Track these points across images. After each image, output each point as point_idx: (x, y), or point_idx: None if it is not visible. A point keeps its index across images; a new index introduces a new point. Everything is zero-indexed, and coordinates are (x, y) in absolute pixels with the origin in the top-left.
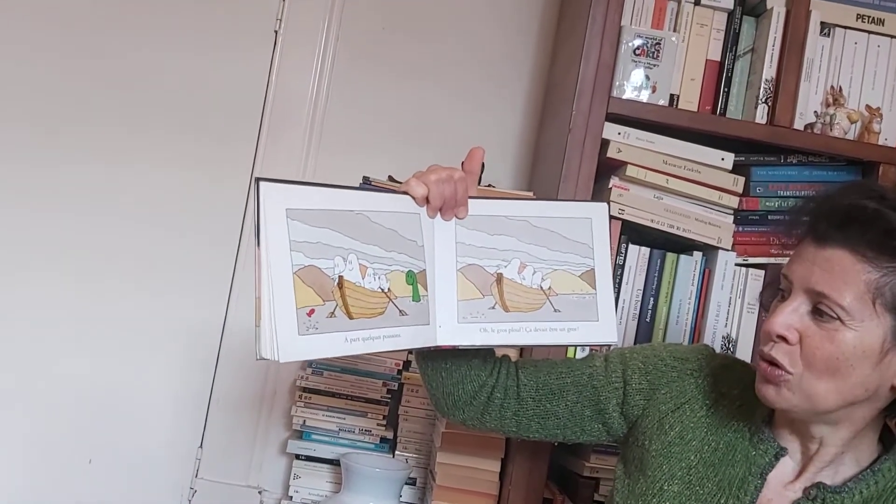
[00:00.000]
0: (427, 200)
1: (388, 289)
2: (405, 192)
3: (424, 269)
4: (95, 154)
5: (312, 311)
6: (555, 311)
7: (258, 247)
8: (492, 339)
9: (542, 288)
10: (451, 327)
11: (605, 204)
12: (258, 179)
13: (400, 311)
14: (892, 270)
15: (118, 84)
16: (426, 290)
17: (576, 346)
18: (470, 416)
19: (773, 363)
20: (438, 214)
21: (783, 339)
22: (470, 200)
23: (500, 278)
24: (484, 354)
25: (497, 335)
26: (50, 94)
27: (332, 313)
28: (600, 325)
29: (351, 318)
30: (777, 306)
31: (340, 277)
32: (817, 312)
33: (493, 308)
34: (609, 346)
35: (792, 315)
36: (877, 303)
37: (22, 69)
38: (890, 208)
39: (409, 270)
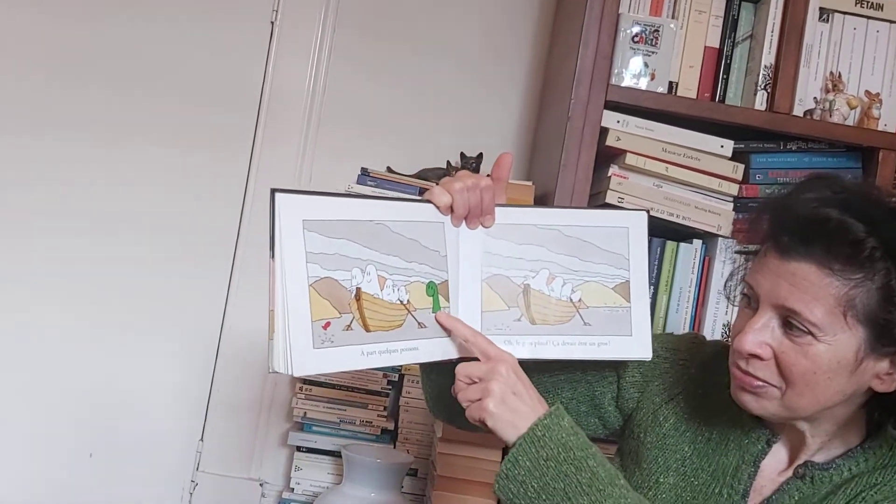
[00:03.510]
0: (451, 209)
1: (408, 300)
2: (429, 201)
3: (447, 280)
4: (91, 149)
5: (328, 323)
6: (585, 324)
7: (272, 258)
8: (518, 353)
9: (571, 300)
10: None
11: (644, 212)
12: (273, 190)
13: (419, 323)
14: (860, 282)
15: (114, 75)
16: (448, 301)
17: (607, 361)
18: (465, 421)
19: (753, 377)
20: (464, 223)
21: (755, 356)
22: (498, 208)
23: (527, 289)
24: None
25: (523, 348)
26: (45, 87)
27: (349, 326)
28: (634, 339)
29: (368, 330)
30: (745, 317)
31: (358, 289)
32: (788, 326)
33: (519, 320)
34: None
35: (763, 331)
36: (848, 315)
37: (16, 57)
38: (854, 217)
39: (431, 281)
